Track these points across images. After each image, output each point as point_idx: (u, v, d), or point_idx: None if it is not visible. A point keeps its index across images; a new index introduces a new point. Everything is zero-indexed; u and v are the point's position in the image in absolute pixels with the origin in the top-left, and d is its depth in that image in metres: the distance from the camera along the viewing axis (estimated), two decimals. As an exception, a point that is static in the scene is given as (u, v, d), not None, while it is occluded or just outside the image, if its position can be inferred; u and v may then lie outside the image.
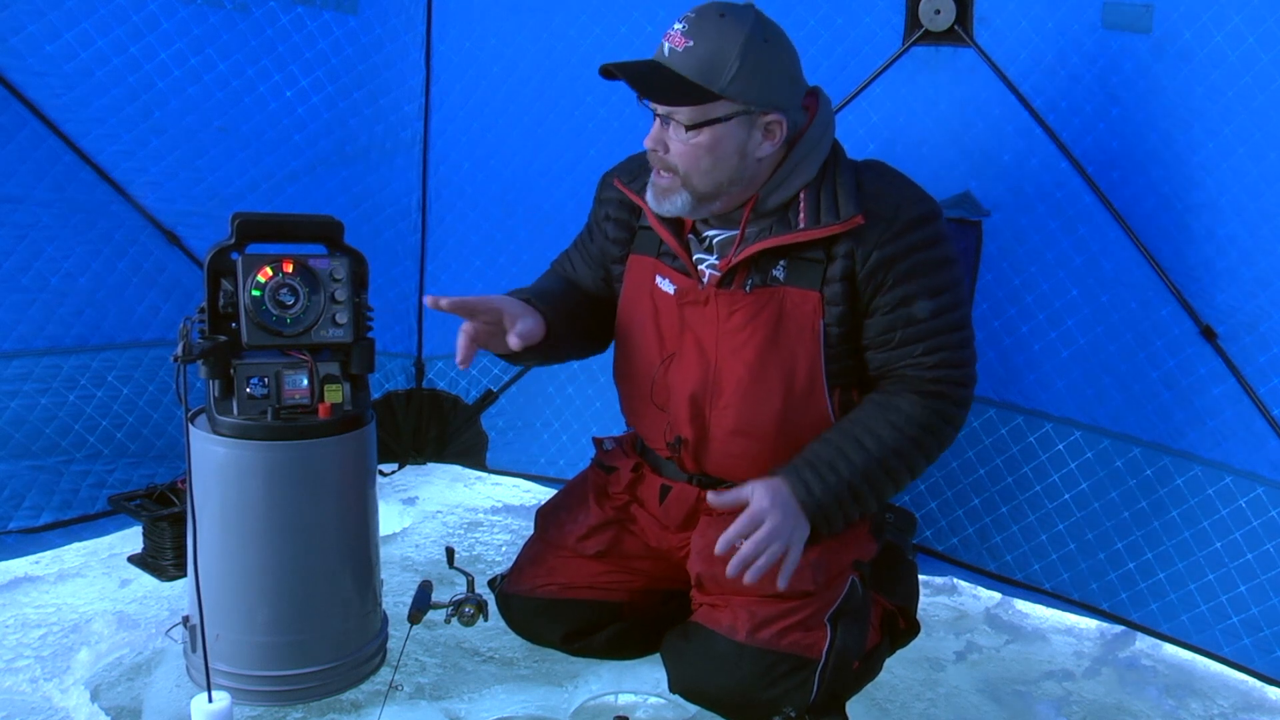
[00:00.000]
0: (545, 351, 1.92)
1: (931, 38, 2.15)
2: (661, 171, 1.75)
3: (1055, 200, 2.12)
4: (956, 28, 2.12)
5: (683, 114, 1.68)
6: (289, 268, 1.82)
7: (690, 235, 1.84)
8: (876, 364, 1.78)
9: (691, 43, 1.65)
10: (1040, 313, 2.17)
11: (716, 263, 1.80)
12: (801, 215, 1.72)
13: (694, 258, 1.83)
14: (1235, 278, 1.95)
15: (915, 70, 2.19)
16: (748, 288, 1.76)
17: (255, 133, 2.46)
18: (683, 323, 1.82)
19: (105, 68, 2.24)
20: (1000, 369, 2.23)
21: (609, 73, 1.69)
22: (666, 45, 1.68)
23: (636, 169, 1.89)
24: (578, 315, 1.99)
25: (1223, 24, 1.87)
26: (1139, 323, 2.07)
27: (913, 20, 2.16)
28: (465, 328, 1.80)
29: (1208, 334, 1.99)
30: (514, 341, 1.80)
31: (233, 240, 1.84)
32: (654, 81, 1.67)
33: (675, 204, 1.75)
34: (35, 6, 2.14)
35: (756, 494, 1.70)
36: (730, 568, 1.67)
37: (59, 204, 2.25)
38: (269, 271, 1.82)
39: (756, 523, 1.67)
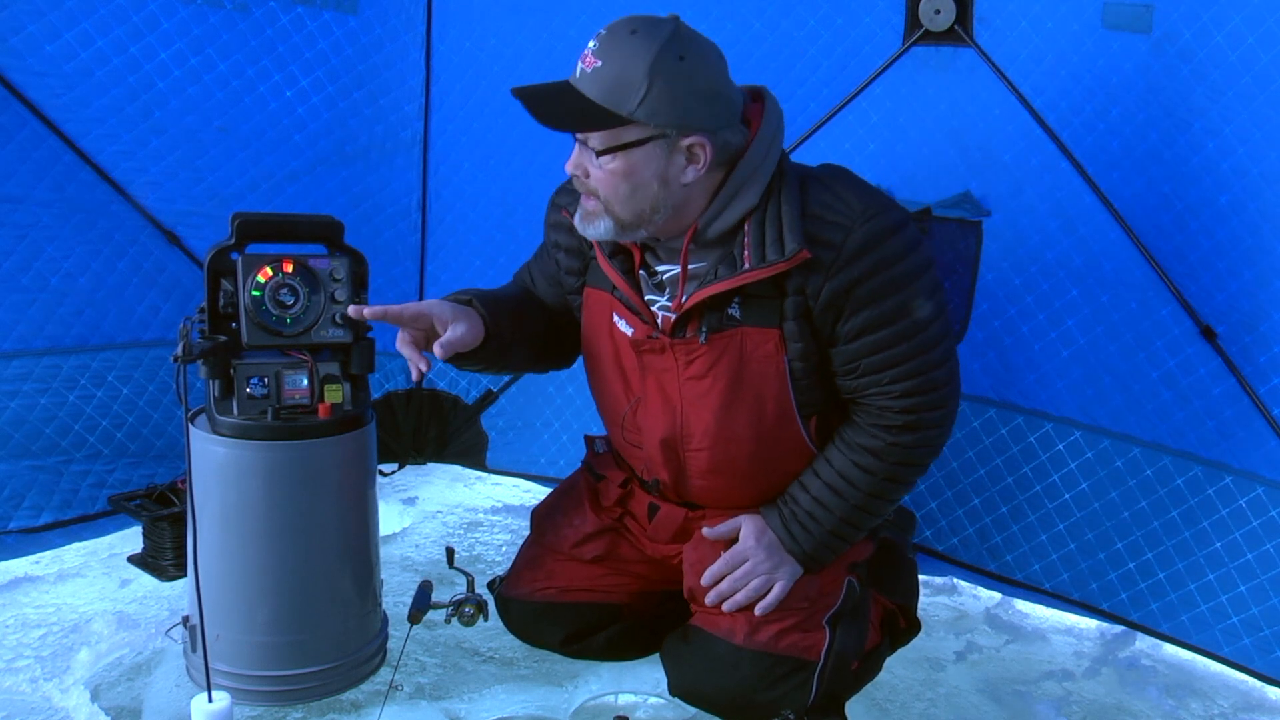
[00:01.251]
0: (490, 358, 1.85)
1: (931, 38, 2.15)
2: (587, 196, 1.66)
3: (1055, 200, 2.11)
4: (956, 28, 2.12)
5: (594, 139, 1.59)
6: (289, 268, 1.82)
7: (641, 270, 1.76)
8: (846, 390, 1.72)
9: (600, 63, 1.55)
10: (1040, 313, 2.17)
11: (669, 303, 1.73)
12: (746, 252, 1.62)
13: (646, 298, 1.75)
14: (1235, 278, 1.95)
15: (915, 70, 2.19)
16: (703, 333, 1.68)
17: (255, 133, 2.46)
18: (644, 367, 1.77)
19: (105, 68, 2.24)
20: (1000, 369, 2.23)
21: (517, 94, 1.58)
22: (579, 65, 1.58)
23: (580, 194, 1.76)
24: (531, 326, 1.92)
25: (1223, 24, 1.87)
26: (1139, 323, 2.07)
27: (913, 20, 2.16)
28: (401, 338, 1.76)
29: (1208, 334, 1.99)
30: (439, 351, 1.73)
31: (233, 240, 1.84)
32: (556, 106, 1.57)
33: (599, 229, 1.66)
34: (35, 6, 2.14)
35: (743, 530, 1.80)
36: (709, 599, 1.78)
37: (59, 204, 2.25)
38: (269, 271, 1.81)
39: (738, 561, 1.77)
